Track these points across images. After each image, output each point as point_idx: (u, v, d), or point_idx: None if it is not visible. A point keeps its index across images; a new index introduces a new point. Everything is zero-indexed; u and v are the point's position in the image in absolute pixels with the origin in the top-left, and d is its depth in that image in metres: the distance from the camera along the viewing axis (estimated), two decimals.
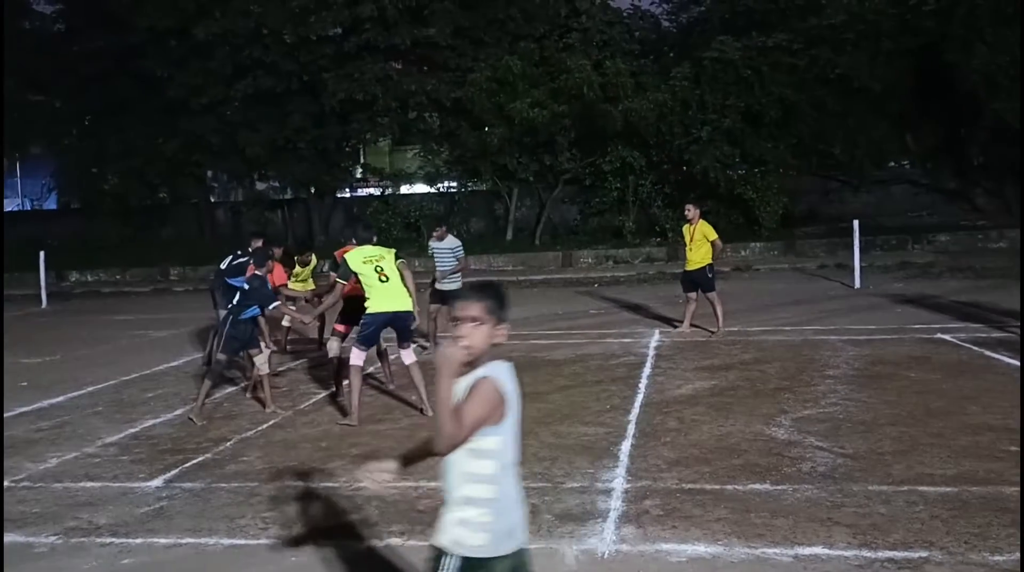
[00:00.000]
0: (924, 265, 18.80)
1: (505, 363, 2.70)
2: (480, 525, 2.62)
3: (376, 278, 7.38)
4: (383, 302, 7.38)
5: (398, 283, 7.46)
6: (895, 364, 8.86)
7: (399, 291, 7.44)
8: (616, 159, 23.24)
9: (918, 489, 5.19)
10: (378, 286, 7.38)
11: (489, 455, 2.62)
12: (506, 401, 2.62)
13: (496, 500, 2.63)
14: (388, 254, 7.57)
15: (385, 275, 7.40)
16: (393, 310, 7.40)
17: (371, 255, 7.50)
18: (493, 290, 2.81)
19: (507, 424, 2.63)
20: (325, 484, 5.78)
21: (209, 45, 23.94)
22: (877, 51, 22.47)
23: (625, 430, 6.77)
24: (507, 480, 2.66)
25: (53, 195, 31.81)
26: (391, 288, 7.40)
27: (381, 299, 7.37)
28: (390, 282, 7.41)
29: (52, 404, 8.71)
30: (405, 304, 7.46)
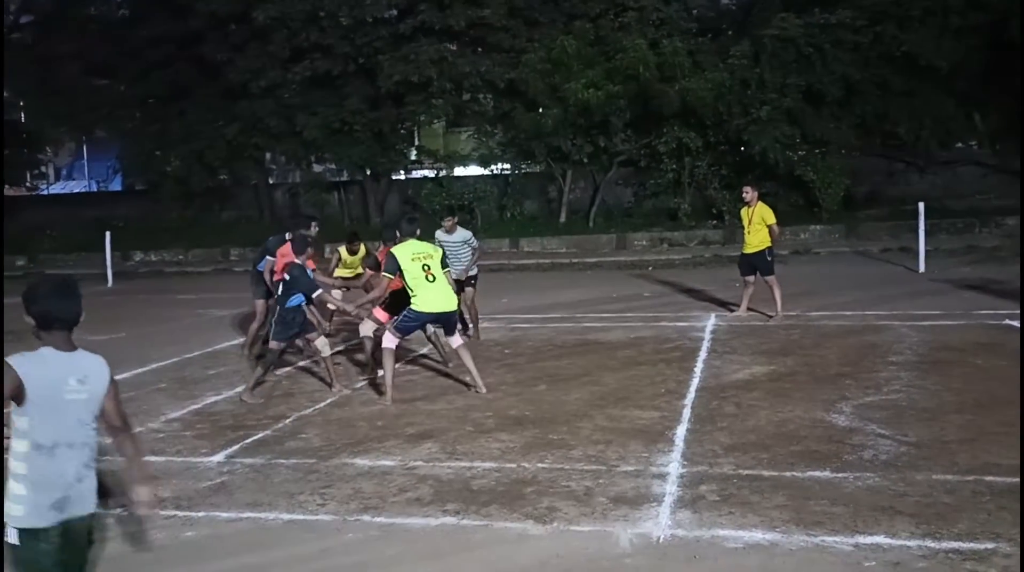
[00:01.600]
0: (991, 249, 18.20)
1: (90, 355, 3.26)
2: (18, 498, 2.95)
3: (423, 277, 7.37)
4: (429, 302, 7.38)
5: (444, 282, 7.48)
6: (960, 350, 8.61)
7: (445, 290, 7.47)
8: (672, 140, 22.89)
9: (984, 479, 5.04)
10: (425, 284, 7.36)
11: (20, 434, 2.96)
12: (23, 385, 2.93)
13: (27, 476, 2.94)
14: (436, 253, 7.60)
15: (432, 274, 7.39)
16: (439, 311, 7.45)
17: (419, 252, 7.49)
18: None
19: (30, 407, 2.94)
20: (381, 462, 5.86)
21: (267, 29, 24.23)
22: (944, 28, 21.68)
23: (680, 414, 6.71)
24: (42, 459, 2.96)
25: (118, 177, 32.68)
26: (437, 287, 7.40)
27: (427, 298, 7.36)
28: (437, 281, 7.40)
29: (119, 380, 8.94)
30: (451, 304, 7.53)
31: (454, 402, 7.46)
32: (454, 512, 4.89)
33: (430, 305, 7.40)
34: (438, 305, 7.42)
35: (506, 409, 7.11)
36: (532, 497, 5.06)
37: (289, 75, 24.50)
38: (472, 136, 26.60)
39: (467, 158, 26.79)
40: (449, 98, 24.61)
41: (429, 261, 7.45)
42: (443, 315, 7.53)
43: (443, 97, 24.34)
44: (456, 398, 7.59)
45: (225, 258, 24.54)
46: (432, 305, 7.40)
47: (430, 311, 7.43)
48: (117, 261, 21.76)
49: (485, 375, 8.36)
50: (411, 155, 27.57)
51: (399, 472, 5.63)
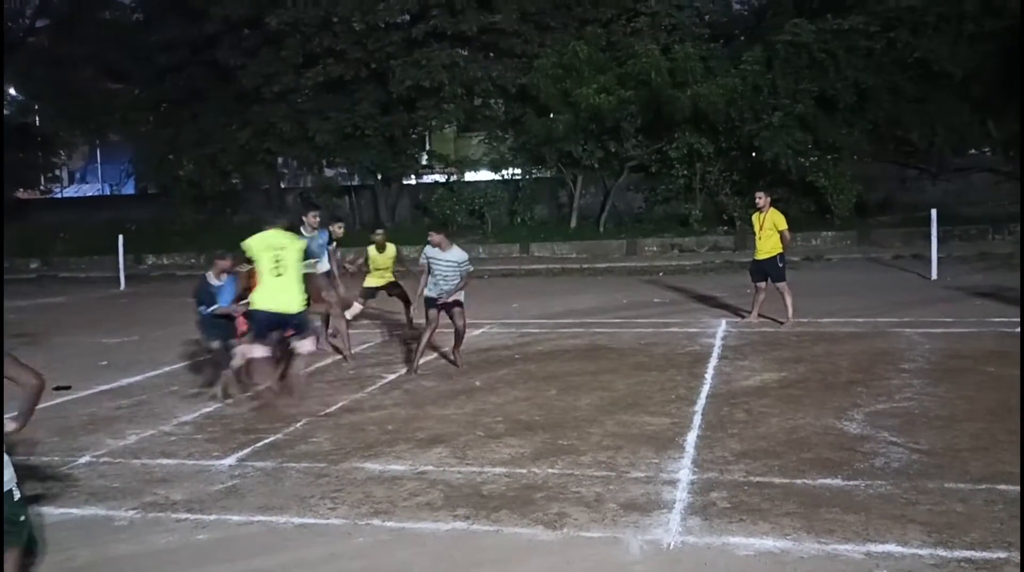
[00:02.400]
0: (1005, 256, 18.06)
1: None
2: None
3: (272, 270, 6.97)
4: (264, 298, 7.01)
5: (292, 280, 6.99)
6: (973, 358, 8.56)
7: (289, 289, 6.98)
8: (683, 146, 22.89)
9: (997, 488, 5.01)
10: (268, 280, 6.99)
11: None
12: None
13: None
14: (293, 244, 7.05)
15: (280, 270, 6.95)
16: (272, 310, 7.03)
17: (274, 243, 7.06)
18: None
19: None
20: (392, 466, 5.87)
21: (280, 34, 24.38)
22: (958, 34, 21.61)
23: (691, 421, 6.70)
24: None
25: (131, 180, 32.89)
26: (280, 284, 6.95)
27: (263, 294, 6.99)
28: (282, 278, 6.96)
29: (131, 383, 9.04)
30: (291, 305, 7.02)
31: (464, 407, 7.47)
32: (464, 517, 4.90)
33: (265, 302, 6.98)
34: (274, 304, 6.95)
35: (516, 414, 7.12)
36: (542, 503, 5.06)
37: (302, 80, 24.65)
38: (483, 141, 26.66)
39: (478, 163, 26.85)
40: (460, 103, 24.70)
41: (282, 253, 6.95)
42: (283, 316, 7.02)
43: (454, 102, 24.43)
44: (467, 403, 7.60)
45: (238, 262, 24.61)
46: (268, 303, 6.95)
47: (264, 309, 7.00)
48: (130, 264, 21.90)
49: (495, 380, 8.40)
50: (422, 160, 27.67)
51: (409, 477, 5.64)
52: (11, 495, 3.56)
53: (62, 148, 32.71)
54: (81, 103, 28.05)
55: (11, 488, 3.56)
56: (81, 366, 9.77)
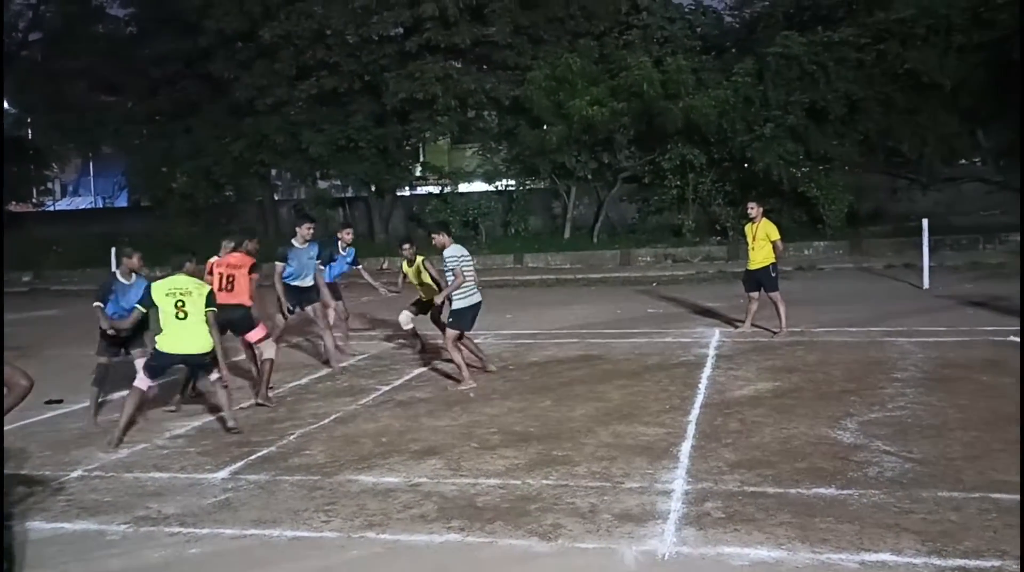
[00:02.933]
0: (996, 266, 18.17)
1: None
2: None
3: (174, 314, 7.00)
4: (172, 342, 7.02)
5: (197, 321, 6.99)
6: (965, 367, 8.59)
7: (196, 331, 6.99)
8: (676, 157, 22.99)
9: (991, 496, 5.02)
10: (173, 322, 7.00)
11: None
12: None
13: None
14: (196, 289, 7.07)
15: (184, 312, 6.96)
16: (184, 353, 7.07)
17: (176, 288, 7.06)
18: None
19: None
20: (386, 478, 5.85)
21: (274, 47, 24.45)
22: (948, 46, 21.79)
23: (685, 431, 6.70)
24: None
25: (124, 193, 32.84)
26: (187, 326, 6.97)
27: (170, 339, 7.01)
28: (187, 319, 6.97)
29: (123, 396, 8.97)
30: (199, 346, 7.02)
31: (458, 418, 7.46)
32: (459, 529, 4.89)
33: (174, 346, 7.00)
34: (183, 346, 7.00)
35: (511, 425, 7.11)
36: (537, 514, 5.05)
37: (295, 92, 24.71)
38: (477, 153, 26.74)
39: (472, 174, 26.92)
40: (454, 115, 24.77)
41: (186, 297, 6.98)
42: (191, 357, 7.13)
43: (448, 114, 24.50)
44: (461, 414, 7.59)
45: None
46: (177, 346, 7.00)
47: (174, 352, 7.04)
48: None
49: (489, 391, 8.39)
50: (416, 171, 27.73)
51: (404, 489, 5.63)
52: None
53: (55, 161, 32.64)
54: (74, 116, 28.01)
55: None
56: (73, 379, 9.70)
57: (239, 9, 24.70)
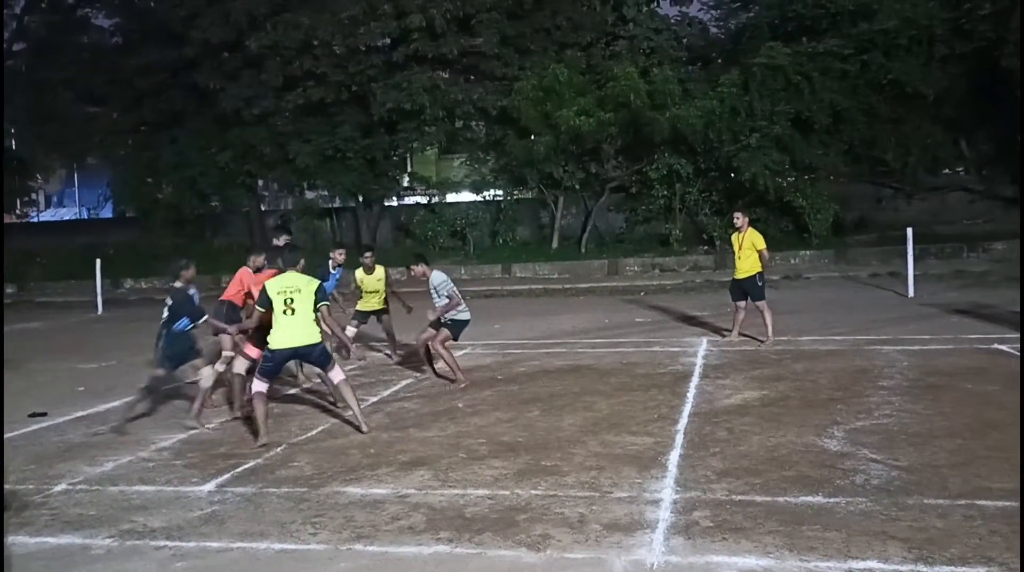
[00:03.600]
0: (980, 274, 18.32)
1: None
2: None
3: (283, 311, 7.10)
4: (280, 339, 7.14)
5: (304, 316, 7.13)
6: (950, 375, 8.65)
7: (303, 325, 7.13)
8: (663, 167, 23.10)
9: (976, 503, 5.04)
10: (281, 319, 7.12)
11: None
12: None
13: None
14: (306, 287, 7.20)
15: (292, 309, 7.10)
16: (292, 346, 7.19)
17: (288, 286, 7.18)
18: None
19: None
20: (373, 490, 5.83)
21: (260, 57, 24.44)
22: (930, 56, 22.03)
23: (673, 440, 6.71)
24: None
25: (109, 204, 32.68)
26: (294, 322, 7.11)
27: (279, 335, 7.14)
28: (295, 316, 7.10)
29: (108, 408, 8.92)
30: (307, 338, 7.17)
31: (447, 429, 7.44)
32: (447, 540, 4.87)
33: (283, 341, 7.13)
34: (292, 340, 7.13)
35: (499, 435, 7.10)
36: (525, 524, 5.04)
37: (282, 103, 24.69)
38: (464, 163, 26.78)
39: (459, 185, 26.94)
40: (442, 125, 24.81)
41: (295, 295, 7.11)
42: (300, 350, 7.25)
43: (436, 124, 24.54)
44: (449, 425, 7.57)
45: (216, 285, 24.41)
46: (285, 341, 7.13)
47: (284, 347, 7.16)
48: (107, 288, 21.71)
49: (478, 401, 8.38)
50: (404, 182, 27.73)
51: (391, 500, 5.60)
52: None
53: (39, 172, 32.49)
54: (58, 127, 27.89)
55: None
56: (57, 392, 9.65)
57: (225, 20, 24.70)
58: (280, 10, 24.69)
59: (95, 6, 29.28)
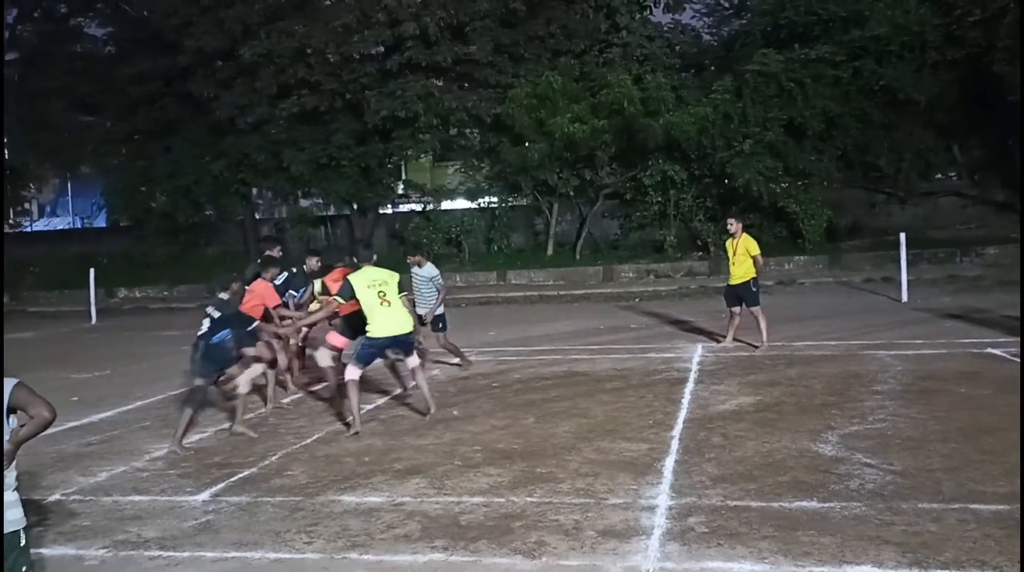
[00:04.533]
0: (973, 278, 18.38)
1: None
2: None
3: (378, 303, 7.58)
4: (383, 327, 7.61)
5: (399, 306, 7.72)
6: (944, 379, 8.67)
7: (400, 314, 7.71)
8: (657, 173, 23.14)
9: (970, 507, 5.06)
10: (379, 310, 7.59)
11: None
12: None
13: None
14: (392, 278, 7.76)
15: (388, 300, 7.59)
16: (394, 334, 7.68)
17: (376, 279, 7.68)
18: None
19: None
20: (368, 498, 5.82)
21: (255, 66, 24.43)
22: (922, 62, 22.13)
23: (668, 446, 6.71)
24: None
25: (103, 213, 32.61)
26: (392, 312, 7.63)
27: (381, 324, 7.60)
28: (392, 306, 7.62)
29: (102, 418, 8.91)
30: (405, 327, 7.74)
31: (442, 436, 7.43)
32: (442, 548, 4.86)
33: (385, 330, 7.60)
34: (392, 329, 7.62)
35: (494, 443, 7.09)
36: (520, 532, 5.04)
37: (276, 111, 24.67)
38: (459, 170, 26.78)
39: (454, 192, 26.94)
40: (436, 133, 24.82)
41: (385, 287, 7.63)
42: (399, 338, 7.73)
43: (430, 132, 24.54)
44: (444, 432, 7.57)
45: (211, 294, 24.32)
46: (387, 330, 7.60)
47: (385, 336, 7.62)
48: (101, 298, 21.64)
49: (473, 408, 8.39)
50: (398, 189, 27.70)
51: (386, 508, 5.59)
52: (16, 538, 3.21)
53: (32, 181, 32.37)
54: (52, 136, 27.82)
55: (18, 530, 3.24)
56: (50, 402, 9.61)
57: (219, 28, 24.69)
58: (274, 18, 24.69)
59: (88, 15, 29.24)
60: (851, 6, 22.61)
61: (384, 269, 7.94)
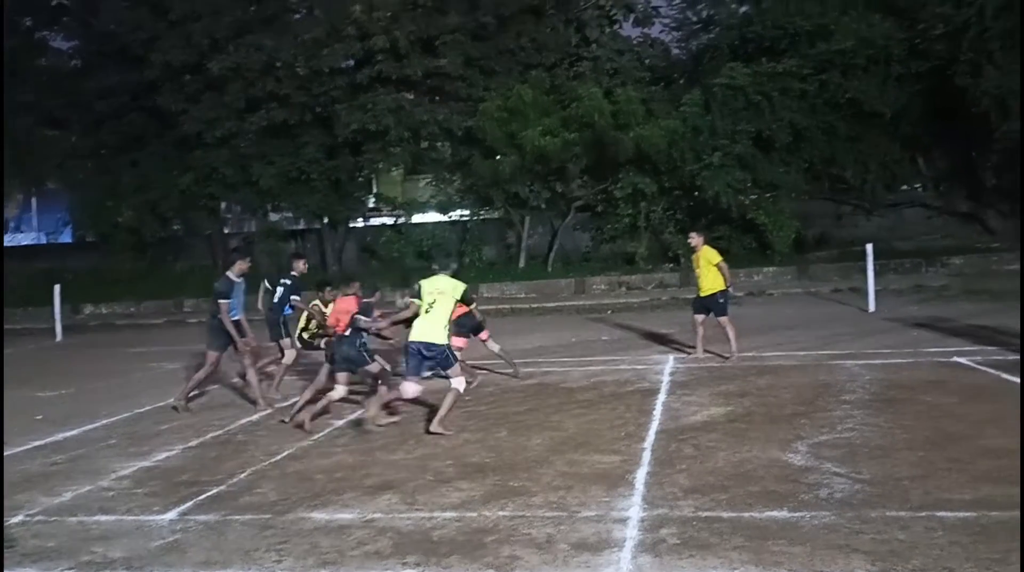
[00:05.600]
0: (938, 288, 18.68)
1: None
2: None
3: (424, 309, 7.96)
4: (416, 332, 7.94)
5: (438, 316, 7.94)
6: (911, 388, 8.78)
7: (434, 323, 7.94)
8: (627, 185, 23.29)
9: (937, 515, 5.12)
10: (420, 316, 7.97)
11: None
12: None
13: None
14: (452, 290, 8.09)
15: (430, 308, 7.96)
16: (421, 340, 7.90)
17: (436, 287, 8.04)
18: None
19: None
20: (339, 515, 5.76)
21: (223, 79, 24.29)
22: (887, 75, 22.52)
23: (640, 457, 6.73)
24: None
25: (68, 229, 32.13)
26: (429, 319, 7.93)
27: (415, 328, 7.96)
28: (431, 314, 7.93)
29: (67, 437, 8.75)
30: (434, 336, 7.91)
31: (414, 451, 7.39)
32: (414, 564, 4.82)
33: (415, 335, 7.87)
34: (418, 335, 7.85)
35: (467, 457, 7.07)
36: (493, 546, 5.02)
37: (245, 125, 24.54)
38: (430, 183, 26.76)
39: (425, 205, 26.91)
40: (407, 146, 24.81)
41: (440, 297, 7.96)
42: (430, 345, 7.86)
43: (401, 145, 24.53)
44: (416, 447, 7.52)
45: (178, 309, 24.16)
46: (416, 335, 7.87)
47: (414, 340, 7.87)
48: (67, 314, 21.32)
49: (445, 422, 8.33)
50: (369, 202, 27.63)
51: (357, 525, 5.54)
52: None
53: None
54: (17, 151, 27.40)
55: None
56: (14, 421, 9.42)
57: (186, 42, 24.54)
58: (242, 32, 24.59)
59: (53, 29, 28.91)
60: (817, 20, 22.98)
61: (452, 280, 8.16)
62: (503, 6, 24.27)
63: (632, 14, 26.14)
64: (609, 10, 25.93)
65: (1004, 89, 20.47)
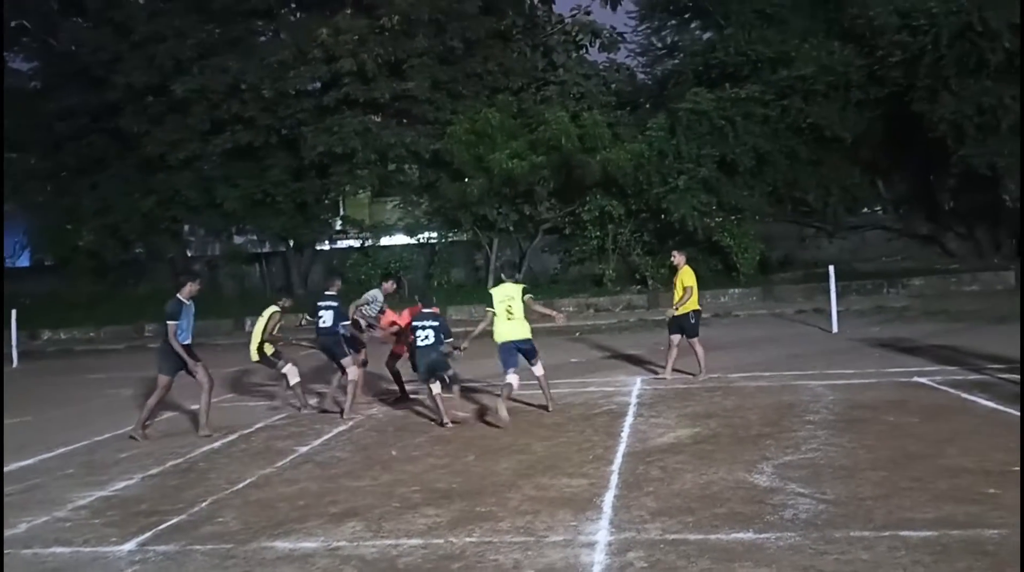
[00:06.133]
0: (900, 309, 18.98)
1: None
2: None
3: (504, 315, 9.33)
4: (500, 334, 9.32)
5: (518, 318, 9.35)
6: (873, 408, 8.88)
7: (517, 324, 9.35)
8: (595, 208, 23.47)
9: (899, 534, 5.16)
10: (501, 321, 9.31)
11: None
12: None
13: None
14: (517, 294, 9.42)
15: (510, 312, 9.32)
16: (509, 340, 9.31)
17: (506, 294, 9.37)
18: None
19: None
20: (303, 544, 5.66)
21: (187, 101, 24.11)
22: (847, 101, 23.02)
23: (608, 480, 6.71)
24: None
25: (26, 252, 31.55)
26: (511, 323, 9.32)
27: (499, 331, 9.29)
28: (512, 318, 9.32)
29: (22, 467, 8.52)
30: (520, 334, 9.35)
31: (379, 477, 7.30)
32: None
33: (501, 336, 9.23)
34: (505, 335, 9.22)
35: (433, 482, 6.99)
36: None
37: (209, 147, 24.37)
38: (398, 206, 26.74)
39: (393, 227, 26.87)
40: (374, 168, 24.79)
41: (511, 302, 9.28)
42: (518, 342, 9.26)
43: (368, 168, 24.51)
44: (382, 473, 7.43)
45: (139, 334, 23.75)
46: (502, 336, 9.23)
47: (502, 341, 9.19)
48: (23, 340, 20.86)
49: (411, 448, 8.26)
50: (336, 225, 27.51)
51: (322, 554, 5.45)
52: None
53: None
54: None
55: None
56: None
57: (149, 63, 24.36)
58: (207, 54, 24.47)
59: (13, 49, 28.53)
60: (778, 47, 23.47)
61: (515, 285, 9.53)
62: (470, 30, 24.46)
63: (598, 39, 26.49)
64: (575, 35, 26.27)
65: (959, 115, 21.00)
